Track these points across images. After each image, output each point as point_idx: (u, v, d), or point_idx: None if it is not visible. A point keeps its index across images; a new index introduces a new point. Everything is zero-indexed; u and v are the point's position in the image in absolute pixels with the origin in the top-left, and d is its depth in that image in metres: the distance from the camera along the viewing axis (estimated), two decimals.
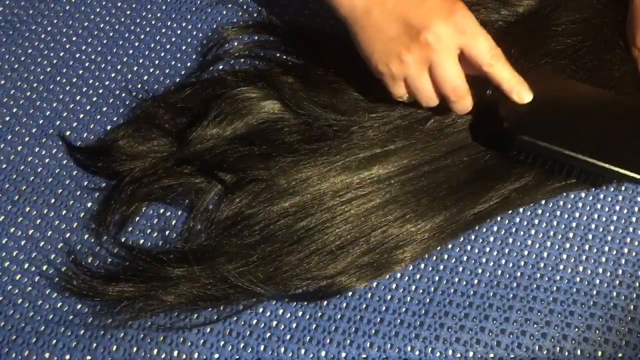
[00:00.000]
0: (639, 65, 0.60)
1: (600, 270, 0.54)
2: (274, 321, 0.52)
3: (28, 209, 0.57)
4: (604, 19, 0.62)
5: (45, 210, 0.56)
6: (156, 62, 0.65)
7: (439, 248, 0.55)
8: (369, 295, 0.53)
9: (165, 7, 0.68)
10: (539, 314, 0.52)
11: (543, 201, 0.57)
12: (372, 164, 0.55)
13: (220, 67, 0.64)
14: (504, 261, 0.54)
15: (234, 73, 0.62)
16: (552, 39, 0.61)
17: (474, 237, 0.55)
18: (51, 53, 0.65)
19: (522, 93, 0.53)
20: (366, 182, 0.55)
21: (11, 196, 0.57)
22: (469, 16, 0.51)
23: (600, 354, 0.50)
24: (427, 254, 0.54)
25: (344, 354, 0.50)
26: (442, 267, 0.54)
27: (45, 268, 0.54)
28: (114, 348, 0.50)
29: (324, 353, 0.51)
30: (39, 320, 0.52)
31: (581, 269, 0.54)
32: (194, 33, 0.67)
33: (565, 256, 0.55)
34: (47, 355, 0.50)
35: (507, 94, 0.53)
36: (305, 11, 0.68)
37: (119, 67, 0.64)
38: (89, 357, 0.50)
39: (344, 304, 0.52)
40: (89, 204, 0.57)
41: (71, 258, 0.54)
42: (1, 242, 0.55)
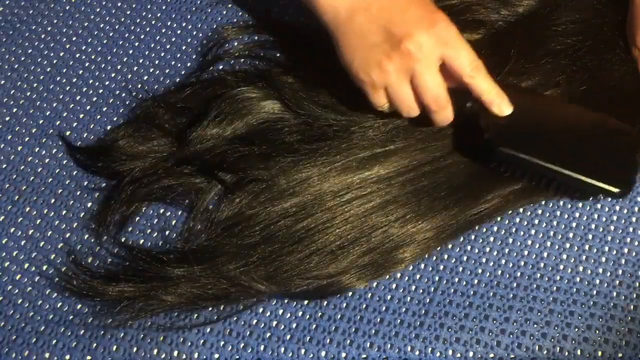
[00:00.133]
0: (639, 65, 0.60)
1: (600, 270, 0.54)
2: (274, 321, 0.52)
3: (28, 209, 0.57)
4: (604, 19, 0.62)
5: (45, 210, 0.56)
6: (156, 62, 0.65)
7: (439, 248, 0.55)
8: (369, 295, 0.53)
9: (165, 7, 0.68)
10: (539, 314, 0.52)
11: (543, 201, 0.57)
12: (373, 164, 0.55)
13: (220, 67, 0.64)
14: (504, 261, 0.54)
15: (234, 73, 0.62)
16: (552, 39, 0.61)
17: (474, 237, 0.55)
18: (51, 53, 0.65)
19: (502, 105, 0.52)
20: (366, 182, 0.55)
21: (11, 196, 0.57)
22: (451, 27, 0.51)
23: (600, 354, 0.50)
24: (427, 254, 0.54)
25: (344, 354, 0.50)
26: (442, 267, 0.54)
27: (45, 268, 0.54)
28: (114, 348, 0.50)
29: (324, 353, 0.51)
30: (39, 320, 0.52)
31: (581, 269, 0.54)
32: (194, 33, 0.67)
33: (565, 256, 0.55)
34: (47, 355, 0.50)
35: (487, 106, 0.52)
36: (305, 11, 0.68)
37: (119, 67, 0.64)
38: (89, 357, 0.50)
39: (344, 304, 0.52)
40: (89, 204, 0.57)
41: (71, 258, 0.54)
42: (1, 242, 0.55)
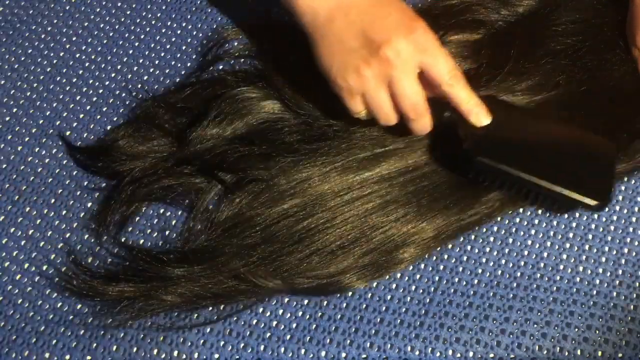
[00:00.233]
0: (639, 65, 0.60)
1: (600, 270, 0.54)
2: (274, 321, 0.52)
3: (28, 209, 0.57)
4: (604, 19, 0.62)
5: (45, 210, 0.56)
6: (156, 62, 0.65)
7: (439, 248, 0.55)
8: (369, 295, 0.53)
9: (165, 7, 0.68)
10: (539, 314, 0.52)
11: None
12: (373, 164, 0.55)
13: (220, 67, 0.64)
14: (504, 261, 0.54)
15: (234, 73, 0.62)
16: (552, 39, 0.61)
17: (474, 237, 0.55)
18: (51, 53, 0.65)
19: (481, 115, 0.52)
20: (367, 183, 0.55)
21: (11, 196, 0.57)
22: (430, 35, 0.50)
23: (600, 354, 0.50)
24: (427, 254, 0.54)
25: (344, 354, 0.50)
26: (442, 267, 0.54)
27: (45, 268, 0.54)
28: (114, 348, 0.50)
29: (324, 353, 0.51)
30: (39, 320, 0.52)
31: (581, 269, 0.54)
32: (194, 33, 0.67)
33: (565, 256, 0.55)
34: (47, 355, 0.50)
35: (466, 115, 0.52)
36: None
37: (119, 67, 0.64)
38: (89, 357, 0.50)
39: (344, 304, 0.52)
40: (89, 204, 0.57)
41: (71, 258, 0.54)
42: (1, 242, 0.55)
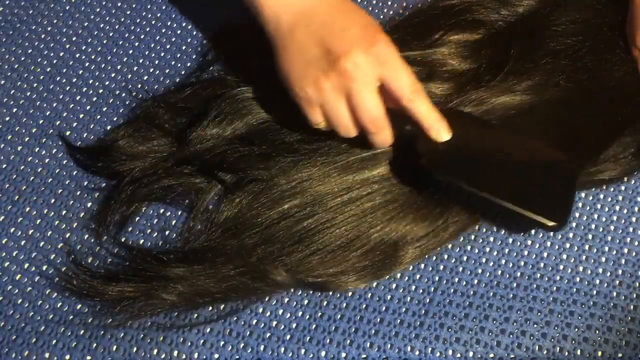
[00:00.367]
0: (639, 65, 0.60)
1: (600, 270, 0.54)
2: (274, 321, 0.52)
3: (28, 209, 0.57)
4: (604, 19, 0.62)
5: (45, 210, 0.56)
6: (156, 62, 0.65)
7: (439, 248, 0.55)
8: (369, 295, 0.53)
9: (165, 7, 0.68)
10: (539, 314, 0.52)
11: None
12: (373, 164, 0.55)
13: (220, 67, 0.64)
14: (504, 261, 0.54)
15: (234, 73, 0.62)
16: (552, 39, 0.61)
17: (474, 237, 0.55)
18: (51, 53, 0.65)
19: (441, 131, 0.51)
20: (367, 183, 0.55)
21: (11, 196, 0.57)
22: (392, 48, 0.49)
23: (600, 354, 0.50)
24: (427, 254, 0.54)
25: (344, 354, 0.50)
26: (442, 267, 0.54)
27: (45, 268, 0.54)
28: (114, 348, 0.50)
29: (324, 353, 0.51)
30: (39, 320, 0.52)
31: (581, 269, 0.54)
32: (194, 33, 0.67)
33: (565, 256, 0.55)
34: (47, 355, 0.50)
35: (426, 130, 0.51)
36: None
37: (119, 67, 0.64)
38: (89, 357, 0.50)
39: (344, 304, 0.52)
40: (89, 204, 0.57)
41: (71, 258, 0.54)
42: (1, 242, 0.55)
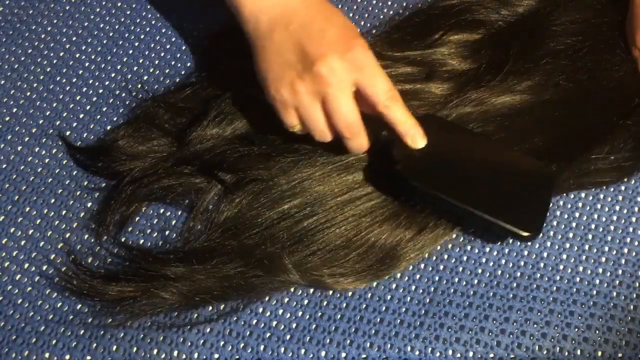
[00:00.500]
0: (639, 65, 0.60)
1: (600, 270, 0.54)
2: (274, 321, 0.52)
3: (28, 209, 0.57)
4: (604, 19, 0.62)
5: (45, 210, 0.56)
6: (156, 62, 0.65)
7: (439, 248, 0.55)
8: (369, 295, 0.53)
9: (165, 7, 0.68)
10: (539, 314, 0.52)
11: None
12: None
13: (220, 67, 0.64)
14: (504, 261, 0.54)
15: (234, 73, 0.62)
16: (552, 39, 0.61)
17: (473, 237, 0.55)
18: (51, 53, 0.65)
19: (416, 137, 0.51)
20: (366, 182, 0.55)
21: (11, 196, 0.57)
22: (368, 54, 0.49)
23: (600, 354, 0.50)
24: (428, 254, 0.54)
25: (344, 354, 0.50)
26: (442, 267, 0.54)
27: (45, 268, 0.54)
28: (114, 348, 0.50)
29: (324, 353, 0.51)
30: (39, 320, 0.52)
31: (581, 269, 0.54)
32: (194, 33, 0.67)
33: (565, 256, 0.55)
34: (47, 355, 0.50)
35: (402, 137, 0.51)
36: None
37: (119, 67, 0.64)
38: (88, 357, 0.50)
39: (344, 304, 0.52)
40: (89, 204, 0.57)
41: (71, 258, 0.54)
42: (1, 242, 0.55)
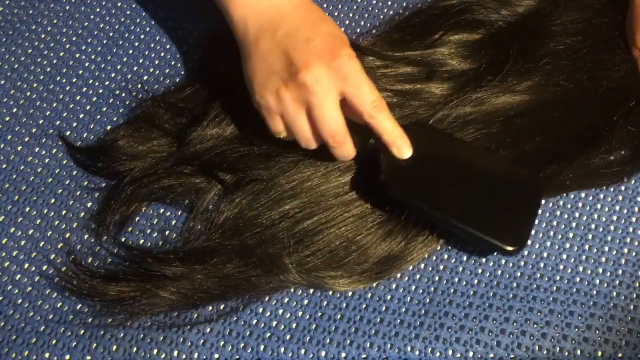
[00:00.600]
0: (639, 65, 0.60)
1: (600, 270, 0.54)
2: (274, 321, 0.52)
3: (28, 209, 0.57)
4: (603, 19, 0.62)
5: (45, 210, 0.56)
6: (156, 62, 0.65)
7: (439, 248, 0.55)
8: (369, 295, 0.53)
9: (165, 7, 0.68)
10: (539, 314, 0.52)
11: (543, 201, 0.57)
12: None
13: (221, 67, 0.64)
14: (504, 261, 0.54)
15: (234, 73, 0.62)
16: (552, 39, 0.61)
17: None
18: (51, 53, 0.65)
19: (403, 148, 0.51)
20: (362, 187, 0.55)
21: (11, 196, 0.57)
22: (354, 63, 0.49)
23: (600, 354, 0.50)
24: (428, 254, 0.54)
25: (344, 354, 0.50)
26: (442, 267, 0.54)
27: (45, 268, 0.54)
28: (114, 348, 0.50)
29: (324, 353, 0.51)
30: (39, 320, 0.52)
31: (581, 269, 0.54)
32: (194, 33, 0.67)
33: (565, 256, 0.55)
34: (47, 355, 0.50)
35: (388, 146, 0.51)
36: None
37: (119, 67, 0.64)
38: (88, 357, 0.50)
39: (344, 304, 0.52)
40: (89, 204, 0.57)
41: (71, 258, 0.54)
42: (1, 242, 0.55)
